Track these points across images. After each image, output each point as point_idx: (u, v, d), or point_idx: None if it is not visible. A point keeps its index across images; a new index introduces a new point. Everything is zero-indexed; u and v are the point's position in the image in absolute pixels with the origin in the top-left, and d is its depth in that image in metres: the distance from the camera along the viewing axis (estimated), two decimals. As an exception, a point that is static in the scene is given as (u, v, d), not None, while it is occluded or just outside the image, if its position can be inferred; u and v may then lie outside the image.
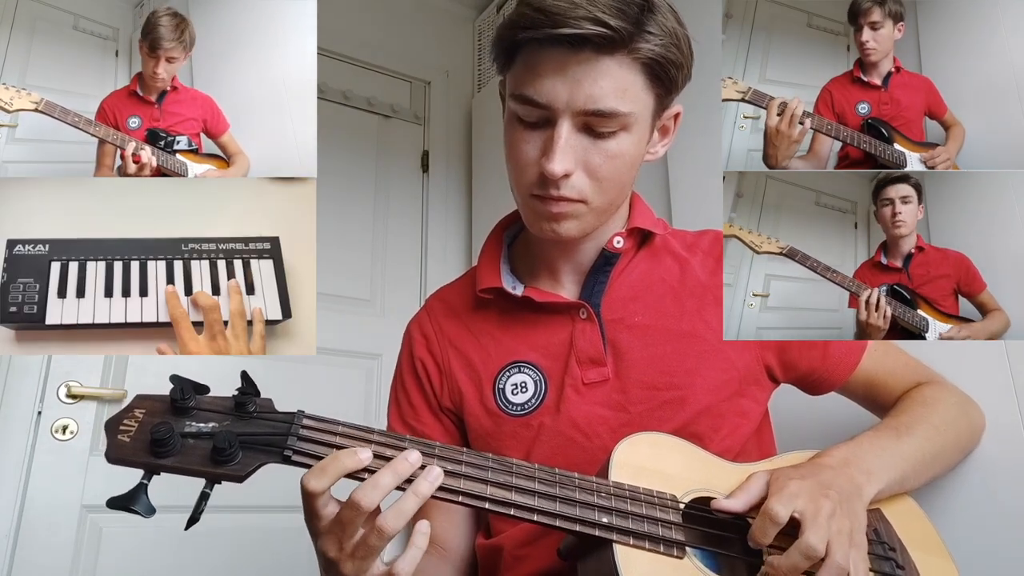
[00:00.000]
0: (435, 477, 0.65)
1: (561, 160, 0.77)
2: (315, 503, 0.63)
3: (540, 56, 0.77)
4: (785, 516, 0.67)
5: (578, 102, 0.76)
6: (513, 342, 0.90)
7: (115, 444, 0.63)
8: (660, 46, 0.76)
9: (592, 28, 0.73)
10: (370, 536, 0.63)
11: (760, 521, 0.69)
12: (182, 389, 0.66)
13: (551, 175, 0.77)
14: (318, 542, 0.65)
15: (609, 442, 0.80)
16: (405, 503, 0.63)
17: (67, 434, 1.69)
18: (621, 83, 0.76)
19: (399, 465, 0.64)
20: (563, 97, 0.76)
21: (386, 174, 2.37)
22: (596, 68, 0.75)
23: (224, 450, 0.63)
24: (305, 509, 0.65)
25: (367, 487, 0.62)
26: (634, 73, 0.77)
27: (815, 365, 0.91)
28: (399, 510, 0.63)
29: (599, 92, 0.75)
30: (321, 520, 0.64)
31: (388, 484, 0.63)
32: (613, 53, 0.75)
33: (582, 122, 0.77)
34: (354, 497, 0.62)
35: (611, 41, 0.74)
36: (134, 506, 0.62)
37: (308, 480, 0.63)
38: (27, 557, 1.58)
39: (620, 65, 0.76)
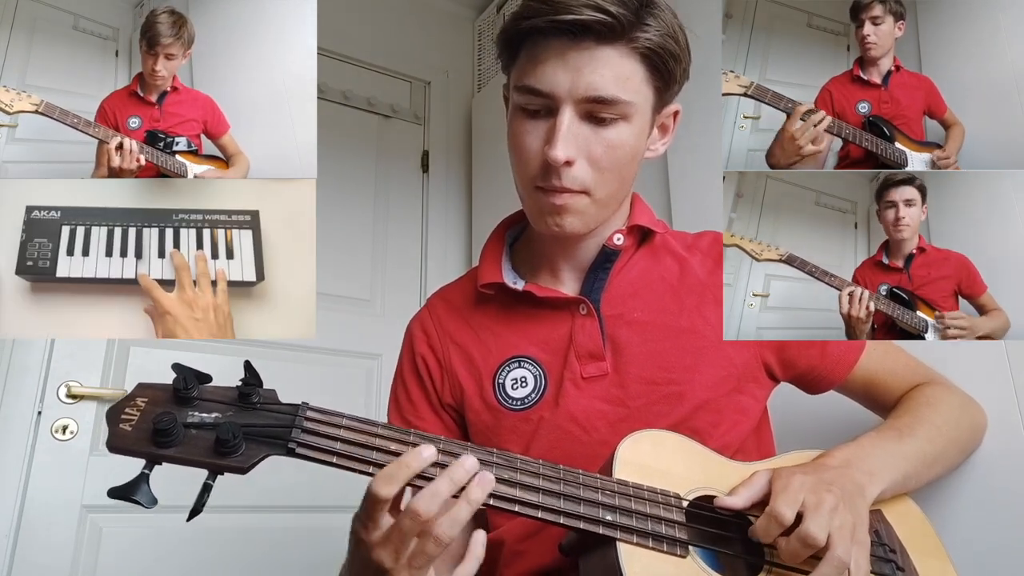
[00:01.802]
0: (487, 483, 0.65)
1: (564, 146, 0.78)
2: (379, 510, 0.63)
3: (542, 46, 0.79)
4: (791, 517, 0.67)
5: (579, 90, 0.77)
6: (513, 337, 0.91)
7: (117, 433, 0.63)
8: (659, 36, 0.78)
9: (592, 15, 0.75)
10: (427, 544, 0.62)
11: (764, 520, 0.69)
12: (185, 378, 0.65)
13: (554, 161, 0.78)
14: (373, 553, 0.64)
15: (608, 436, 0.81)
16: (459, 511, 0.63)
17: (67, 434, 1.69)
18: (622, 72, 0.78)
19: (455, 472, 0.64)
20: (565, 85, 0.78)
21: (386, 174, 2.37)
22: (597, 57, 0.77)
23: (228, 441, 0.62)
24: (365, 518, 0.64)
25: (426, 496, 0.62)
26: (634, 63, 0.79)
27: (813, 363, 0.91)
28: (454, 518, 0.62)
29: (600, 80, 0.77)
30: (379, 529, 0.63)
31: (446, 491, 0.63)
32: (614, 42, 0.77)
33: (584, 110, 0.79)
34: (413, 506, 0.62)
35: (611, 29, 0.76)
36: (135, 496, 0.61)
37: (378, 487, 0.62)
38: (27, 557, 1.58)
39: (620, 55, 0.78)
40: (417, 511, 0.61)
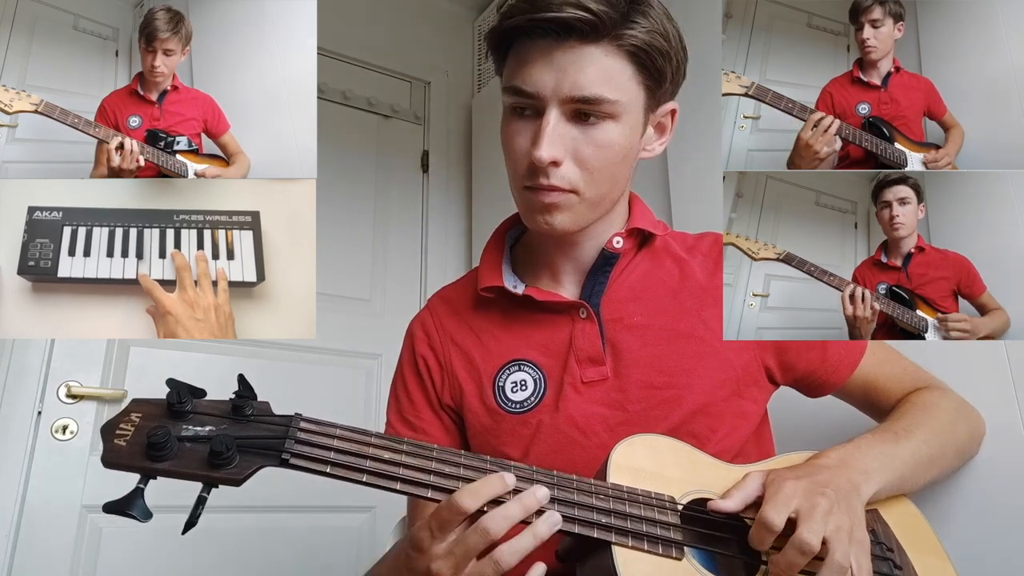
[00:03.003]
0: (555, 522, 0.65)
1: (548, 147, 0.78)
2: (454, 522, 0.63)
3: (528, 47, 0.79)
4: (780, 522, 0.67)
5: (564, 89, 0.77)
6: (514, 340, 0.91)
7: (111, 448, 0.63)
8: (646, 33, 0.78)
9: (573, 12, 0.75)
10: (486, 567, 0.63)
11: (756, 529, 0.68)
12: (179, 393, 0.66)
13: (539, 161, 0.78)
14: (433, 564, 0.64)
15: (607, 440, 0.80)
16: (522, 542, 0.64)
17: (67, 434, 1.69)
18: (607, 71, 0.78)
19: (527, 499, 0.65)
20: (550, 85, 0.78)
21: (386, 174, 2.37)
22: (582, 56, 0.77)
23: (221, 454, 0.62)
24: (436, 527, 0.64)
25: (497, 516, 0.63)
26: (621, 61, 0.78)
27: (814, 367, 0.91)
28: (516, 548, 0.63)
29: (584, 79, 0.77)
30: (445, 542, 0.64)
31: (516, 516, 0.64)
32: (598, 41, 0.77)
33: (570, 110, 0.79)
34: (484, 524, 0.62)
35: (594, 28, 0.76)
36: (131, 511, 0.61)
37: (463, 498, 0.63)
38: (27, 557, 1.58)
39: (606, 53, 0.77)
40: (487, 529, 0.62)
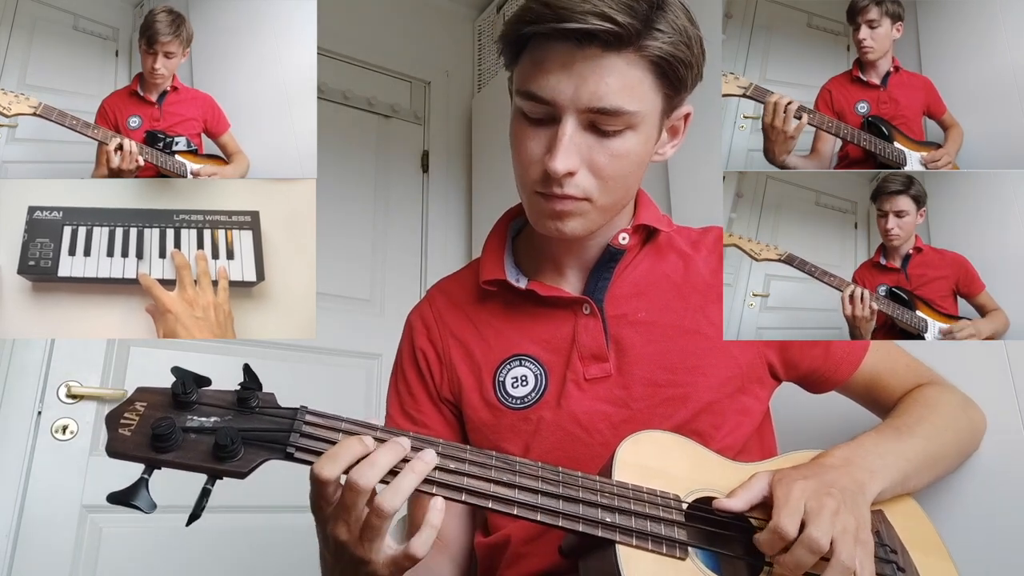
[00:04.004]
0: (431, 458, 0.66)
1: (564, 158, 0.75)
2: (326, 491, 0.64)
3: (546, 51, 0.76)
4: (794, 531, 0.67)
5: (583, 99, 0.74)
6: (515, 335, 0.90)
7: (116, 438, 0.63)
8: (669, 44, 0.75)
9: (598, 24, 0.72)
10: (371, 516, 0.63)
11: (767, 535, 0.68)
12: (183, 382, 0.65)
13: (554, 173, 0.76)
14: (328, 527, 0.66)
15: (610, 437, 0.80)
16: (402, 481, 0.64)
17: (67, 434, 1.69)
18: (628, 81, 0.75)
19: (394, 447, 0.65)
20: (568, 94, 0.75)
21: (386, 174, 2.37)
22: (602, 65, 0.74)
23: (226, 446, 0.62)
24: (314, 497, 0.65)
25: (363, 466, 0.63)
26: (642, 71, 0.75)
27: (817, 364, 0.91)
28: (396, 488, 0.64)
29: (605, 90, 0.74)
30: (330, 505, 0.65)
31: (384, 463, 0.64)
32: (620, 50, 0.74)
33: (587, 120, 0.76)
34: (351, 478, 0.63)
35: (618, 38, 0.73)
36: (135, 501, 0.61)
37: (321, 468, 0.63)
38: (27, 557, 1.58)
39: (628, 63, 0.74)
40: (356, 482, 0.62)
